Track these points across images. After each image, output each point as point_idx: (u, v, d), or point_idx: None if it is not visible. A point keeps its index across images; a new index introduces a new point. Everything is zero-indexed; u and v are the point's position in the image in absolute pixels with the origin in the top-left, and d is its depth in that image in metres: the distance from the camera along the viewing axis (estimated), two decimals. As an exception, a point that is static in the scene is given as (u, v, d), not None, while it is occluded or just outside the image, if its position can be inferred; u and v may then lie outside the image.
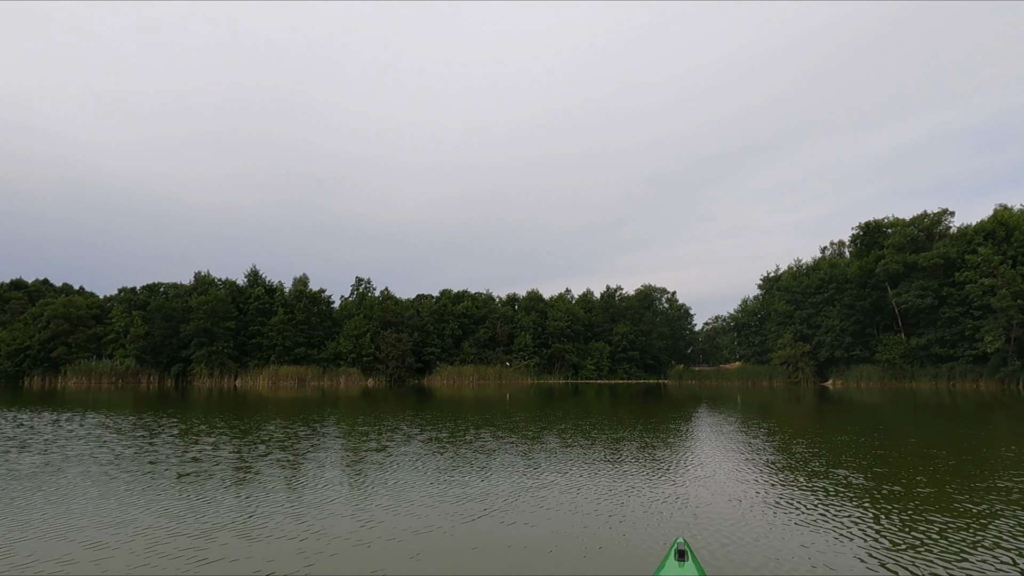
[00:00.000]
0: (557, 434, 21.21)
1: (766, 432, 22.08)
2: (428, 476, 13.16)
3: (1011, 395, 47.55)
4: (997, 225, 59.30)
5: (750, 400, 44.60)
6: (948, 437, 20.91)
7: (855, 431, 22.81)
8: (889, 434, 21.88)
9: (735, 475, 13.64)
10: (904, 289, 62.95)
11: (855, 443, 19.01)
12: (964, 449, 17.73)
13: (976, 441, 19.79)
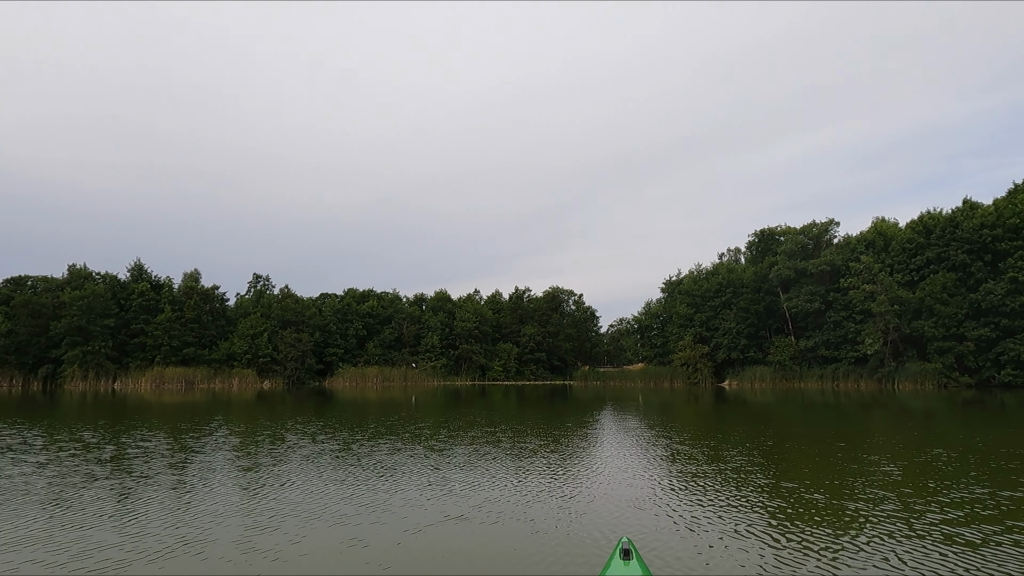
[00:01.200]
0: (468, 440, 20.16)
1: (670, 432, 22.02)
2: (322, 489, 11.73)
3: (887, 394, 50.92)
4: (877, 235, 63.67)
5: (652, 401, 45.31)
6: (831, 432, 21.67)
7: (753, 430, 23.18)
8: (780, 431, 22.43)
9: (646, 474, 13.41)
10: (795, 294, 66.43)
11: (756, 441, 19.16)
12: (844, 442, 18.37)
13: (854, 435, 20.59)
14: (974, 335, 52.58)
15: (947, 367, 53.78)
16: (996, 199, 57.14)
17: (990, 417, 28.79)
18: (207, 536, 8.60)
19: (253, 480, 12.68)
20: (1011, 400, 40.94)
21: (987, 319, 52.46)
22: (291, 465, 14.43)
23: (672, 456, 16.49)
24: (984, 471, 13.50)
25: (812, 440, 19.78)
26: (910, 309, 55.95)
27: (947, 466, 14.22)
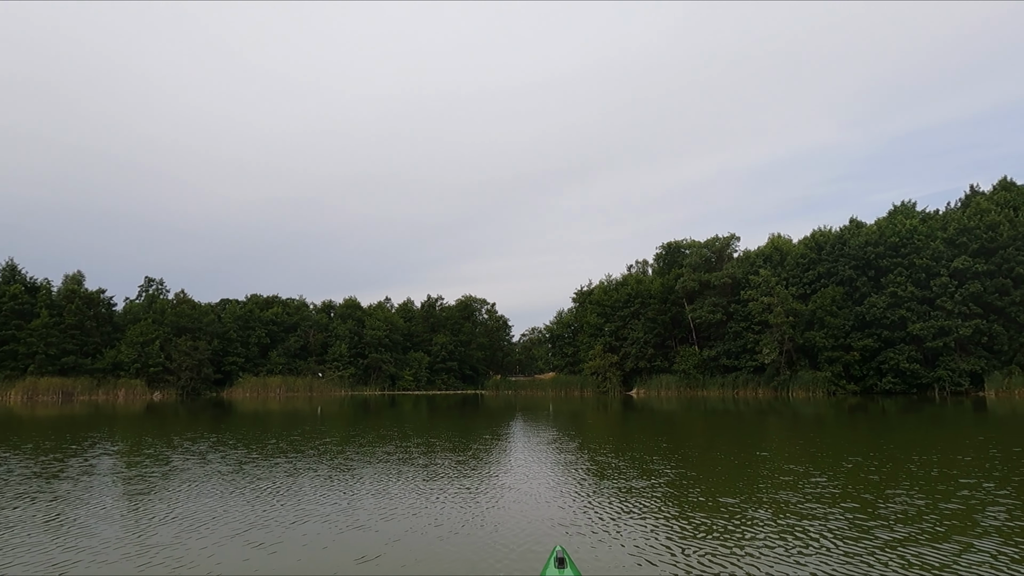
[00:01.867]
0: (380, 458, 19.16)
1: (581, 441, 21.89)
2: (211, 513, 10.52)
3: (782, 401, 53.52)
4: (774, 250, 67.18)
5: (562, 410, 45.46)
6: (730, 438, 22.29)
7: (662, 438, 23.44)
8: (686, 437, 22.86)
9: (564, 485, 13.12)
10: (699, 305, 68.95)
11: (666, 448, 19.30)
12: (742, 447, 18.98)
13: (750, 440, 21.28)
14: (859, 345, 56.28)
15: (836, 375, 57.24)
16: (878, 219, 61.63)
17: (875, 422, 30.61)
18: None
19: (115, 514, 11.24)
20: (891, 406, 43.89)
21: (871, 330, 56.28)
22: (168, 494, 12.75)
23: (585, 465, 16.24)
24: (901, 474, 13.99)
25: (721, 446, 20.17)
26: (803, 320, 59.24)
27: (862, 473, 14.67)
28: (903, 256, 55.62)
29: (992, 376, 50.58)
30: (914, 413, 36.65)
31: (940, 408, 40.43)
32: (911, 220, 58.23)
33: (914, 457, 16.82)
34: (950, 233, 54.46)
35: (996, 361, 51.36)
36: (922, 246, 55.12)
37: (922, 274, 54.35)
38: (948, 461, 15.93)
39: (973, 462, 15.68)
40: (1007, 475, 13.63)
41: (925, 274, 54.24)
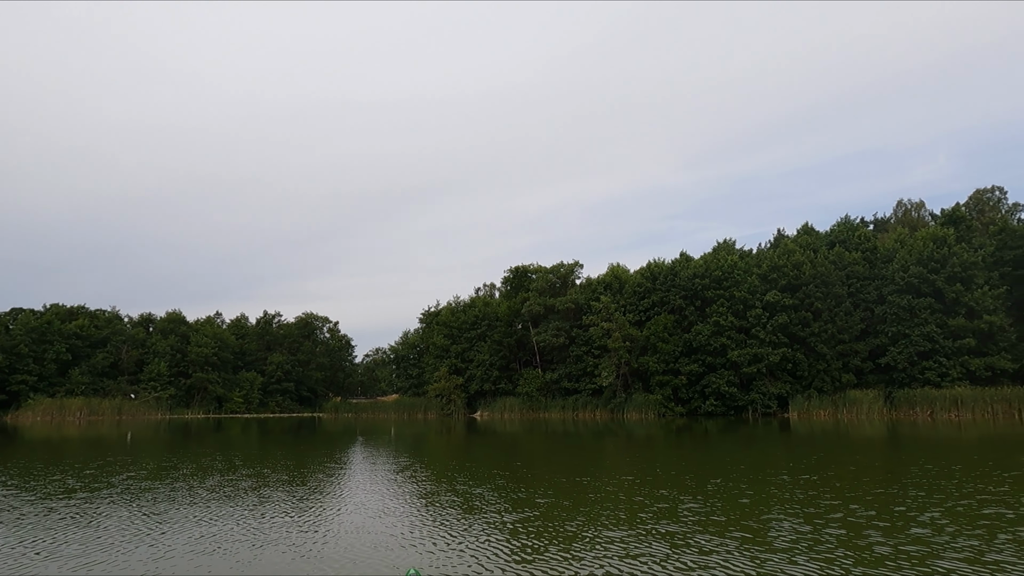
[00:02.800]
0: (202, 494, 16.76)
1: (423, 465, 20.89)
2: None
3: (618, 423, 55.96)
4: (613, 279, 70.85)
5: (405, 433, 44.01)
6: (589, 461, 22.51)
7: (521, 461, 23.09)
8: (543, 462, 22.76)
9: (403, 509, 12.15)
10: (543, 329, 70.74)
11: (509, 470, 18.87)
12: (603, 470, 19.05)
13: (608, 462, 21.59)
14: (687, 370, 60.63)
15: (666, 398, 61.11)
16: (705, 254, 67.31)
17: (710, 442, 32.65)
18: None
19: None
20: (712, 427, 47.34)
21: (696, 356, 60.89)
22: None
23: (427, 489, 15.34)
24: (766, 496, 14.43)
25: (583, 470, 20.11)
26: (638, 346, 62.75)
27: (731, 496, 15.03)
28: (725, 288, 60.95)
29: (795, 399, 56.61)
30: (732, 432, 39.69)
31: (754, 428, 44.24)
32: (732, 256, 64.12)
33: (769, 478, 17.68)
34: (763, 270, 60.60)
35: (799, 385, 57.59)
36: (740, 280, 60.77)
37: (740, 305, 59.83)
38: (803, 481, 16.91)
39: (822, 481, 16.76)
40: (862, 495, 14.59)
41: (743, 306, 59.77)
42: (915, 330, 53.44)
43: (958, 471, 18.33)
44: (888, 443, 30.26)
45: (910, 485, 15.81)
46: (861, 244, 62.32)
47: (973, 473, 17.88)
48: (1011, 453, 23.85)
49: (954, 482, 16.21)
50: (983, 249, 56.58)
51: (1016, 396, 48.15)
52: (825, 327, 56.50)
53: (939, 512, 12.25)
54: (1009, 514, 11.97)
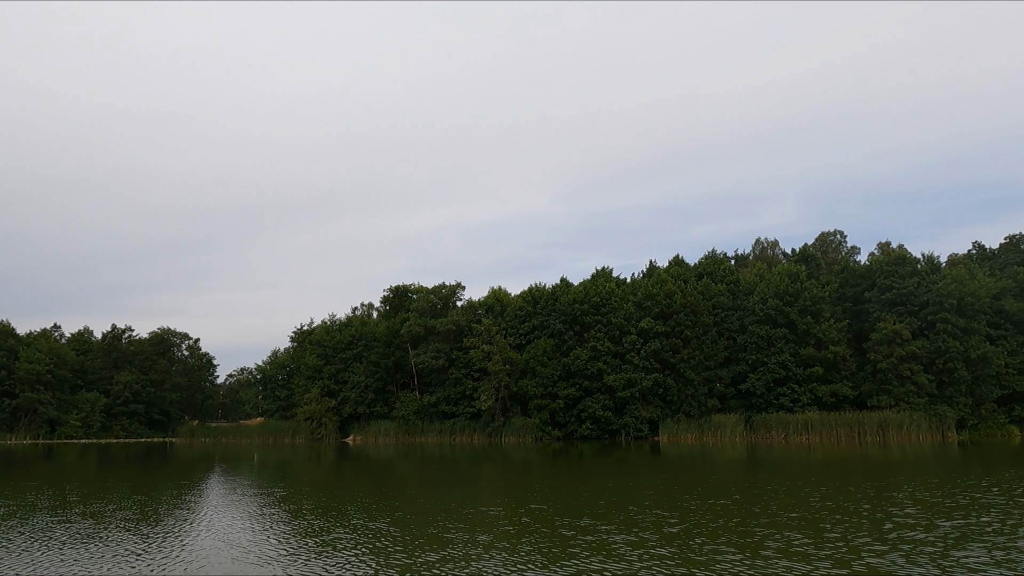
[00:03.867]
0: (19, 534, 13.99)
1: (288, 497, 18.97)
2: None
3: (495, 447, 55.35)
4: (495, 301, 70.75)
5: (270, 460, 40.84)
6: (496, 489, 21.54)
7: (372, 485, 21.60)
8: (406, 488, 21.51)
9: (265, 549, 10.26)
10: (423, 350, 69.06)
11: (379, 498, 17.51)
12: (511, 496, 18.19)
13: (511, 490, 20.72)
14: (564, 394, 61.32)
15: (543, 422, 61.37)
16: (584, 280, 68.90)
17: (597, 465, 32.64)
18: None
19: None
20: (588, 450, 47.90)
21: (574, 380, 61.79)
22: None
23: (293, 528, 13.68)
24: (690, 524, 13.98)
25: (486, 499, 19.01)
26: (518, 369, 62.76)
27: (655, 523, 14.45)
28: (603, 315, 62.54)
29: (665, 423, 58.75)
30: (607, 456, 40.21)
31: (627, 452, 45.17)
32: (609, 284, 66.08)
33: (688, 504, 17.36)
34: (639, 298, 62.86)
35: (668, 410, 59.87)
36: (617, 307, 62.63)
37: (616, 331, 61.56)
38: (719, 506, 16.76)
39: (735, 505, 16.69)
40: (775, 518, 14.51)
41: (619, 331, 61.54)
42: (772, 358, 57.35)
43: (828, 491, 19.17)
44: (760, 466, 31.65)
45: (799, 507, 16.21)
46: (726, 277, 66.44)
47: (833, 492, 18.76)
48: (878, 475, 25.55)
49: (816, 500, 16.85)
50: (829, 286, 62.05)
51: (856, 420, 52.73)
52: (693, 354, 59.32)
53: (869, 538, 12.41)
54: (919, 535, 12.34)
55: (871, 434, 51.41)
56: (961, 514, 14.74)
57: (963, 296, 55.38)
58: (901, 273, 58.64)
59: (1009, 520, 13.76)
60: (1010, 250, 69.46)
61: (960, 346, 53.95)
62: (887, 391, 54.34)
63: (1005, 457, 35.45)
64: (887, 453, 39.05)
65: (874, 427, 51.60)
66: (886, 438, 50.82)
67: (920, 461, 33.10)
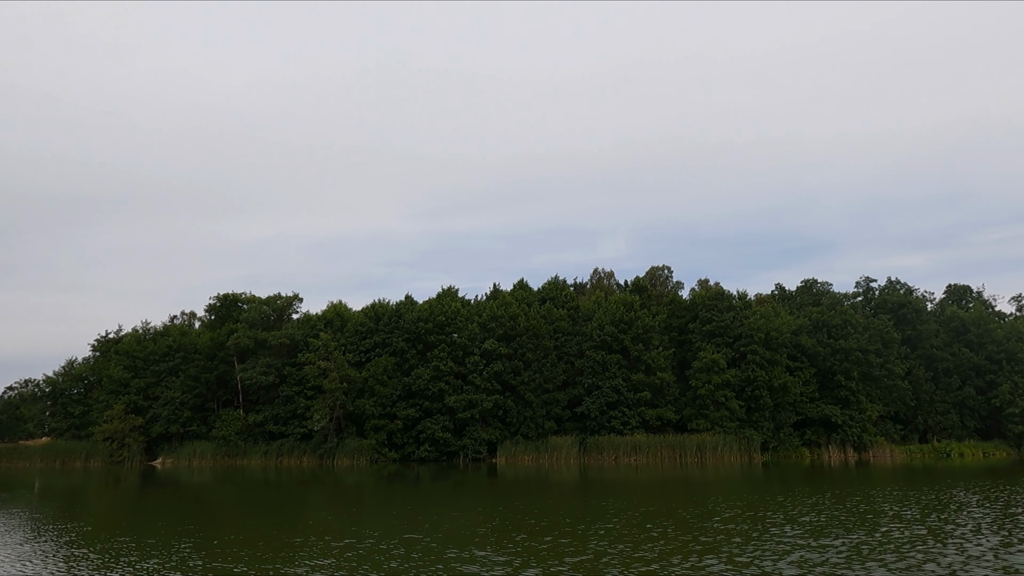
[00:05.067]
0: None
1: (74, 528, 15.86)
2: None
3: (327, 470, 52.16)
4: (335, 315, 67.36)
5: (55, 487, 35.01)
6: (268, 511, 19.49)
7: (180, 515, 18.91)
8: (218, 519, 19.05)
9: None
10: (251, 365, 63.75)
11: (185, 529, 15.17)
12: (279, 519, 16.36)
13: (285, 515, 18.89)
14: (403, 414, 59.44)
15: (380, 443, 58.93)
16: (429, 299, 67.83)
17: (410, 487, 31.33)
18: None
19: None
20: (425, 472, 46.59)
21: (414, 400, 60.15)
22: None
23: (71, 568, 11.20)
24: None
25: (256, 527, 16.94)
26: (356, 388, 59.97)
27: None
28: (447, 334, 61.78)
29: (504, 445, 58.87)
30: (444, 480, 39.23)
31: (465, 474, 44.50)
32: (455, 303, 65.60)
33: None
34: (484, 319, 62.93)
35: (507, 432, 60.11)
36: (462, 327, 62.22)
37: (460, 352, 61.04)
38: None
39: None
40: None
41: (462, 352, 61.06)
42: (606, 382, 59.84)
43: (651, 511, 19.65)
44: (591, 488, 32.26)
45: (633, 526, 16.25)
46: (567, 303, 68.69)
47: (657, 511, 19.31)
48: (696, 493, 26.84)
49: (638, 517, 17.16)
50: (659, 316, 66.31)
51: (678, 443, 56.34)
52: (534, 376, 60.30)
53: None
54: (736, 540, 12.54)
55: (691, 455, 55.15)
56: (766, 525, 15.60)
57: (769, 331, 61.64)
58: (719, 307, 64.13)
59: (798, 528, 14.73)
60: (805, 292, 78.80)
61: (765, 375, 59.83)
62: (705, 415, 58.76)
63: (798, 476, 39.47)
64: (704, 473, 41.94)
65: (693, 449, 55.42)
66: (703, 459, 54.76)
67: (731, 480, 35.78)
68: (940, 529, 17.34)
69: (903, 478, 37.05)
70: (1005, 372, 65.77)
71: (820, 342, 63.48)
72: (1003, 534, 16.58)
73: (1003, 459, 58.71)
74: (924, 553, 14.10)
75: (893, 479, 36.26)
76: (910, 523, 18.48)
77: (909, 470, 44.52)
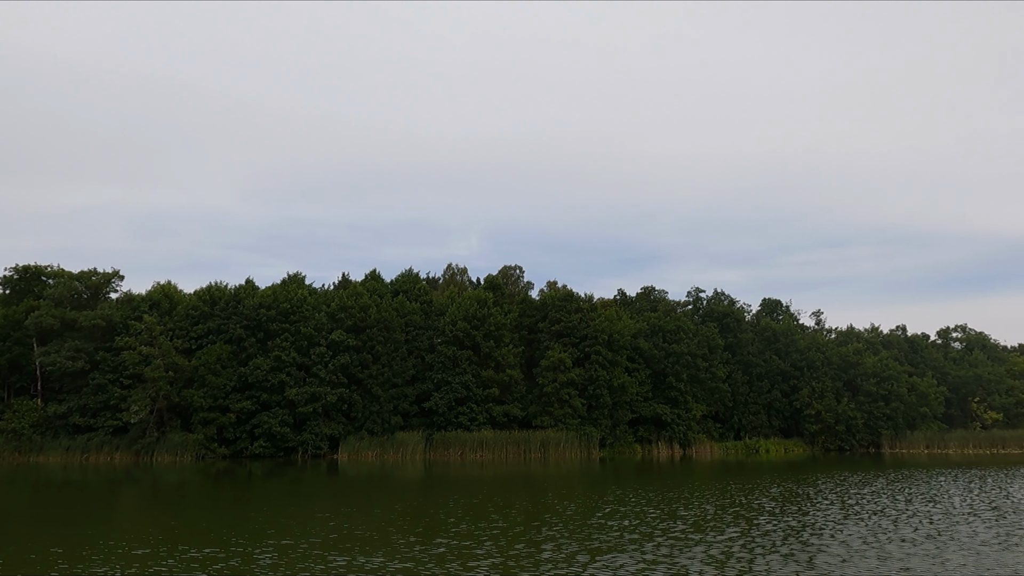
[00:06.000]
0: None
1: None
2: None
3: (143, 467, 47.05)
4: (163, 297, 60.94)
5: None
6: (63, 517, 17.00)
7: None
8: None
9: None
10: (55, 348, 55.76)
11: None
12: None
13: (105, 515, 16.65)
14: (237, 407, 55.05)
15: (208, 438, 54.13)
16: (273, 284, 63.53)
17: (241, 485, 28.97)
18: None
19: None
20: (258, 469, 43.52)
21: (251, 392, 55.94)
22: None
23: None
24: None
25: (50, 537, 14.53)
26: (183, 377, 54.71)
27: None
28: (291, 323, 58.25)
29: (347, 440, 56.58)
30: (279, 477, 36.84)
31: (304, 471, 42.11)
32: (302, 291, 62.08)
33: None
34: (332, 308, 60.14)
35: (351, 426, 57.87)
36: (308, 316, 59.00)
37: (304, 342, 57.81)
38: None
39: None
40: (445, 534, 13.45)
41: (307, 342, 57.87)
42: (456, 378, 59.65)
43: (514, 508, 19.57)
44: (436, 484, 31.75)
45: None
46: (420, 296, 67.68)
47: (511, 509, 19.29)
48: (537, 489, 27.20)
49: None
50: (510, 314, 67.36)
51: (523, 439, 57.52)
52: (383, 370, 58.60)
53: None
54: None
55: (535, 451, 56.52)
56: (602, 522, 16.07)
57: (612, 333, 64.89)
58: (568, 309, 66.45)
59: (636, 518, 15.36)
60: (644, 299, 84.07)
61: (607, 375, 62.88)
62: (549, 412, 60.54)
63: (631, 471, 41.77)
64: (547, 469, 43.06)
65: (537, 445, 56.86)
66: (547, 455, 56.35)
67: (571, 476, 37.01)
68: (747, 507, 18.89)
69: (719, 472, 40.44)
70: (805, 378, 74.50)
71: (656, 345, 67.89)
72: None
73: (800, 454, 66.47)
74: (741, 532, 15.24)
75: (712, 473, 39.46)
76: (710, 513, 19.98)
77: (725, 464, 48.80)
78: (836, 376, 74.46)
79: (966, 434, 74.88)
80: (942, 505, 22.75)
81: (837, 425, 71.77)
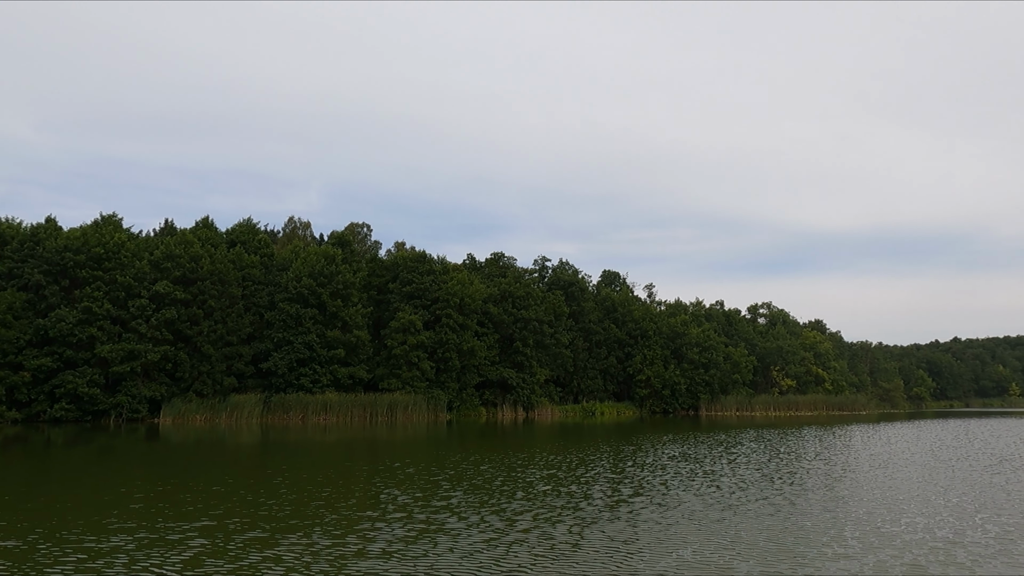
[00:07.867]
0: None
1: None
2: None
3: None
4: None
5: None
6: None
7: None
8: None
9: None
10: None
11: None
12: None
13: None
14: (34, 365, 47.47)
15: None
16: (84, 225, 55.24)
17: (34, 455, 25.00)
18: None
19: None
20: (58, 436, 38.02)
21: (51, 348, 48.47)
22: None
23: None
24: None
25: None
26: (-39, 328, 46.11)
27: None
28: (106, 271, 51.20)
29: (172, 403, 51.19)
30: (87, 444, 32.41)
31: (117, 437, 37.43)
32: (120, 235, 54.76)
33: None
34: (157, 257, 53.67)
35: (176, 388, 52.41)
36: (127, 264, 52.22)
37: (122, 292, 51.15)
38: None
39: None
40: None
41: (125, 293, 51.27)
42: (298, 338, 56.17)
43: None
44: (272, 450, 29.57)
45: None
46: (260, 249, 62.65)
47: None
48: (381, 455, 26.18)
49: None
50: (360, 273, 64.55)
51: (369, 402, 55.76)
52: (215, 327, 53.58)
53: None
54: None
55: (382, 415, 55.04)
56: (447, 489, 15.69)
57: (463, 297, 64.60)
58: (420, 271, 65.04)
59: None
60: (493, 264, 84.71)
61: (457, 339, 62.63)
62: (397, 375, 59.17)
63: (475, 433, 42.02)
64: (393, 432, 41.99)
65: (384, 408, 55.40)
66: (393, 418, 55.12)
67: (417, 440, 36.36)
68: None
69: (558, 434, 41.91)
70: (638, 346, 79.68)
71: (505, 311, 68.76)
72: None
73: (630, 417, 71.20)
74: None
75: (552, 435, 40.78)
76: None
77: (563, 426, 50.78)
78: (665, 345, 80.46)
79: (768, 398, 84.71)
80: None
81: (664, 390, 77.79)
